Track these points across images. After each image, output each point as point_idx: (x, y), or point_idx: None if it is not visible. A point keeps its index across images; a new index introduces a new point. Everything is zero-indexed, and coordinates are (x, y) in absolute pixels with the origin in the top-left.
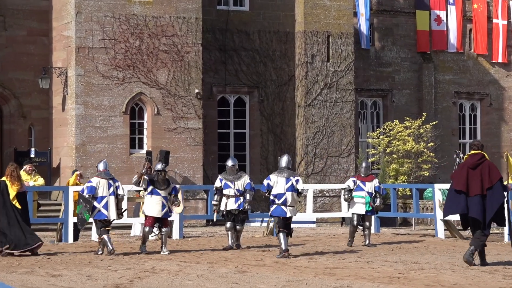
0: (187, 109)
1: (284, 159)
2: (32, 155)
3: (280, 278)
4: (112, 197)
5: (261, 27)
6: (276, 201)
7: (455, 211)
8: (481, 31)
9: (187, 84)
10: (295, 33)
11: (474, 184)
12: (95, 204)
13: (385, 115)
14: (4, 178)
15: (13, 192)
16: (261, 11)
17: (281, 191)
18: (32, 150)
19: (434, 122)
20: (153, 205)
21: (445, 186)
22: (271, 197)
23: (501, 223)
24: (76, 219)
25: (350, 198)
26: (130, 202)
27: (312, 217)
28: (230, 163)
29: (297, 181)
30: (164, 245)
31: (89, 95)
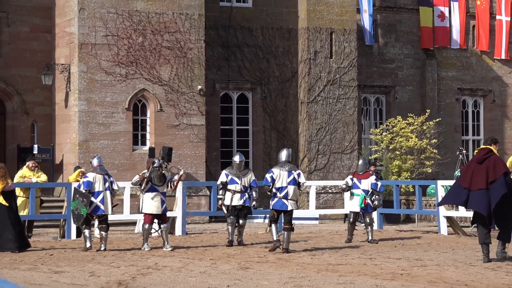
0: (190, 105)
1: (284, 153)
2: (35, 152)
3: (283, 275)
4: (108, 192)
5: (264, 24)
6: (278, 195)
7: (451, 201)
8: (484, 27)
9: (190, 80)
10: (298, 29)
11: (478, 178)
12: (92, 199)
13: (388, 111)
14: None
15: None
16: (264, 8)
17: (283, 185)
18: (35, 146)
19: (437, 119)
20: (151, 202)
21: (448, 182)
22: (274, 190)
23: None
24: (72, 215)
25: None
26: (133, 199)
27: (315, 214)
28: (238, 158)
29: (298, 174)
30: (166, 241)
31: (92, 91)
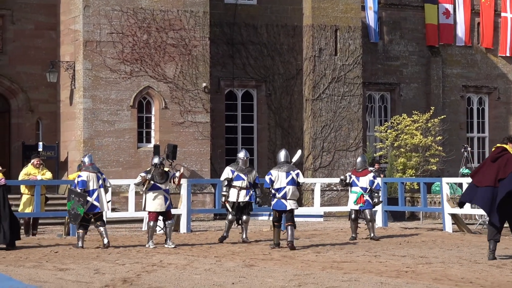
0: (195, 103)
1: (282, 154)
2: (40, 149)
3: (288, 272)
4: (102, 190)
5: (268, 21)
6: (277, 195)
7: (465, 198)
8: (488, 25)
9: (194, 78)
10: (303, 26)
11: (487, 175)
12: (87, 198)
13: (393, 109)
14: None
15: None
16: (269, 5)
17: (282, 185)
18: (40, 144)
19: (442, 116)
20: (154, 200)
21: (452, 180)
22: (273, 191)
23: None
24: (68, 216)
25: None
26: (137, 196)
27: (320, 211)
28: (243, 155)
29: (297, 174)
30: (168, 238)
31: (96, 89)
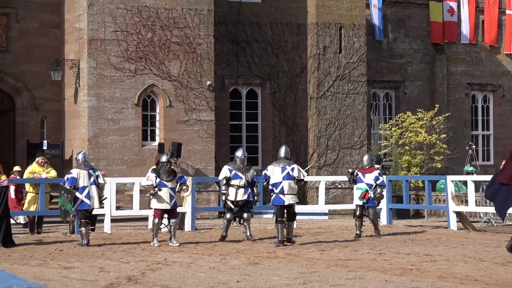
0: (199, 101)
1: (282, 150)
2: (45, 147)
3: (293, 270)
4: (94, 187)
5: (273, 19)
6: (275, 190)
7: (486, 195)
8: (492, 22)
9: (199, 76)
10: (307, 24)
11: (505, 172)
12: (77, 195)
13: (397, 106)
14: None
15: None
16: (273, 3)
17: (278, 180)
18: (45, 142)
19: (447, 114)
20: (160, 197)
21: (457, 178)
22: (270, 187)
23: None
24: (59, 212)
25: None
26: (142, 194)
27: (324, 209)
28: (241, 153)
29: (292, 169)
30: (173, 236)
31: (101, 87)
